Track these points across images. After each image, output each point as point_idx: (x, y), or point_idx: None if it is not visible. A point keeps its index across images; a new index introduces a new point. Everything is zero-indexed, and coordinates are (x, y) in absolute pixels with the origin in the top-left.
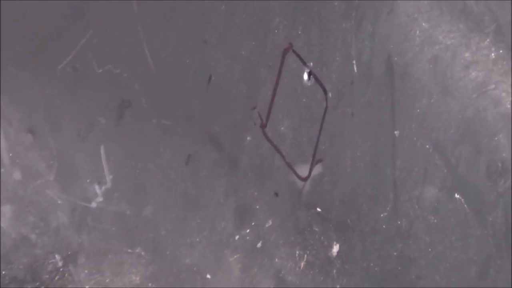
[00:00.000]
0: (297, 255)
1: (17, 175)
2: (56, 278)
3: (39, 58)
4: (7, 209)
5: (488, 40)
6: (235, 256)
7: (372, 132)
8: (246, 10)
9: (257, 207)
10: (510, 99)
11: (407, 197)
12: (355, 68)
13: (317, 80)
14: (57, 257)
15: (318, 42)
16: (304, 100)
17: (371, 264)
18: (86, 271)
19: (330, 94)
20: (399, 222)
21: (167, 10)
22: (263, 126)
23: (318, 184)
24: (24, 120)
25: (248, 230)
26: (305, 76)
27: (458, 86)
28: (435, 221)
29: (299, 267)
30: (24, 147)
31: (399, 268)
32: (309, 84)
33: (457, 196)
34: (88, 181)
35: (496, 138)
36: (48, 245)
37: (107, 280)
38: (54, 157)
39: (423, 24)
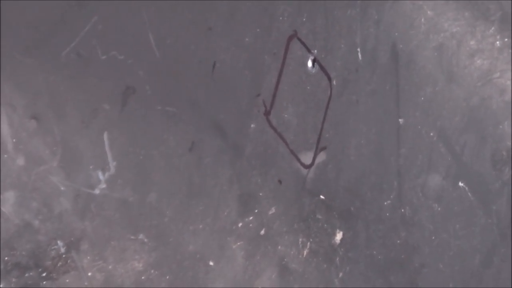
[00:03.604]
0: (300, 242)
1: (20, 161)
2: (59, 265)
3: (43, 44)
4: (10, 195)
5: (493, 28)
6: (239, 244)
7: (377, 120)
8: None
9: (261, 194)
10: None
11: (411, 185)
12: (360, 56)
13: (321, 67)
14: (60, 243)
15: (323, 30)
16: (308, 87)
17: (375, 252)
18: (89, 258)
19: (334, 82)
20: (403, 210)
21: None
22: (267, 114)
23: (322, 171)
24: (28, 106)
25: (251, 218)
26: (310, 64)
27: (463, 74)
28: (439, 209)
29: (303, 255)
30: (28, 133)
31: (403, 256)
32: (313, 71)
33: (461, 184)
34: (91, 167)
35: (501, 127)
36: (51, 231)
37: (110, 267)
38: (57, 143)
39: (428, 12)
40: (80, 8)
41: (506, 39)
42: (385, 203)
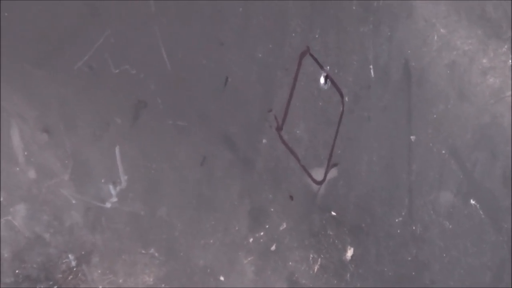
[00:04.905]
0: (311, 258)
1: (32, 174)
2: (69, 278)
3: (55, 57)
4: (21, 207)
5: (506, 46)
6: (249, 259)
7: (388, 136)
8: (264, 12)
9: (272, 209)
10: None
11: (422, 202)
12: (372, 72)
13: (333, 84)
14: (71, 256)
15: (336, 46)
16: (320, 103)
17: (385, 269)
18: (99, 271)
19: (346, 98)
20: (413, 227)
21: (184, 11)
22: (278, 129)
23: (333, 187)
24: (39, 119)
25: (262, 233)
26: (322, 80)
27: (475, 92)
28: (450, 226)
29: (313, 271)
30: (39, 146)
31: (413, 272)
32: (325, 87)
33: (472, 201)
34: (102, 181)
35: None
36: (62, 244)
37: (120, 280)
38: (69, 156)
39: (441, 29)
40: (93, 21)
41: None
42: (396, 219)
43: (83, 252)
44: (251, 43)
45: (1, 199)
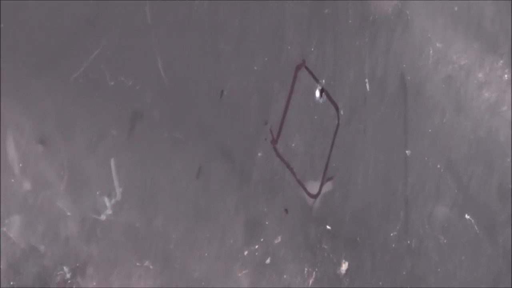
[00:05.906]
0: (306, 271)
1: (27, 185)
2: None
3: (52, 67)
4: (16, 219)
5: (502, 61)
6: (244, 271)
7: (384, 150)
8: (260, 25)
9: (267, 222)
10: None
11: (418, 215)
12: (367, 86)
13: (329, 97)
14: (66, 268)
15: (332, 59)
16: (316, 116)
17: (380, 282)
18: (94, 283)
19: (342, 111)
20: (409, 241)
21: (180, 23)
22: (274, 142)
23: (329, 201)
24: (35, 130)
25: (257, 246)
26: (317, 93)
27: (471, 106)
28: (445, 240)
29: (308, 284)
30: (34, 156)
31: (408, 286)
32: (321, 100)
33: (467, 216)
34: (98, 193)
35: (508, 159)
36: (57, 256)
37: None
38: (64, 167)
39: (437, 43)
40: (89, 32)
41: None
42: (391, 233)
43: (78, 264)
44: (247, 56)
45: None
